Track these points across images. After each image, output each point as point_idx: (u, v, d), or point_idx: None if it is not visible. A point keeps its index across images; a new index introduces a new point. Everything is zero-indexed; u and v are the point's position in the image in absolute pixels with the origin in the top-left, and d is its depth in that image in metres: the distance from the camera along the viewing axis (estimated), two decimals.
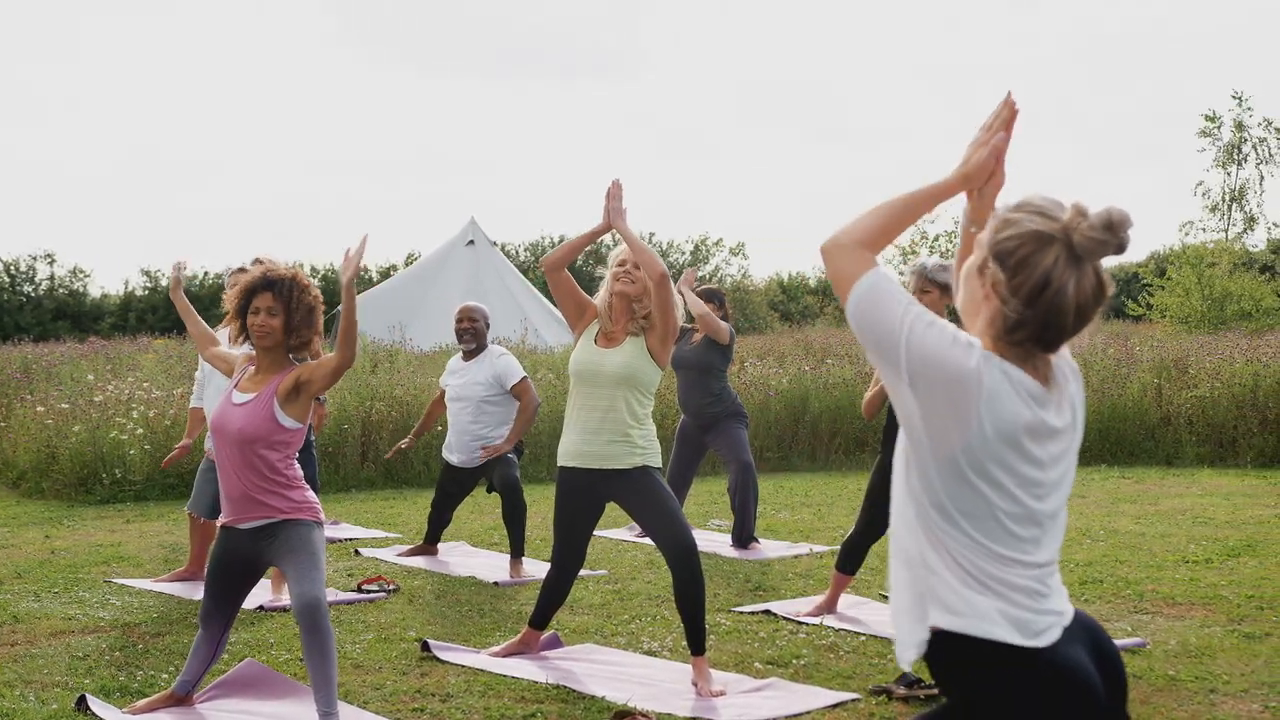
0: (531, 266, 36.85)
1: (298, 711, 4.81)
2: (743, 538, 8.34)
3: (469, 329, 7.89)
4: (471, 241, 23.85)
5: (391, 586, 7.03)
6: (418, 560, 7.93)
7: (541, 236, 41.42)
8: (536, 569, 7.45)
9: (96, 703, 4.77)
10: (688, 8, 67.26)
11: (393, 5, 64.46)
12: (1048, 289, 2.37)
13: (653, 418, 5.41)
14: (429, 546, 8.15)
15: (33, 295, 35.62)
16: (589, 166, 66.77)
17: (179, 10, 60.12)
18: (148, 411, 11.26)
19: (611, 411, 5.24)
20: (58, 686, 5.08)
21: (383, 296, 23.54)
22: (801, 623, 6.20)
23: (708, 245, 42.54)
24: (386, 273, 35.27)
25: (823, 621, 6.19)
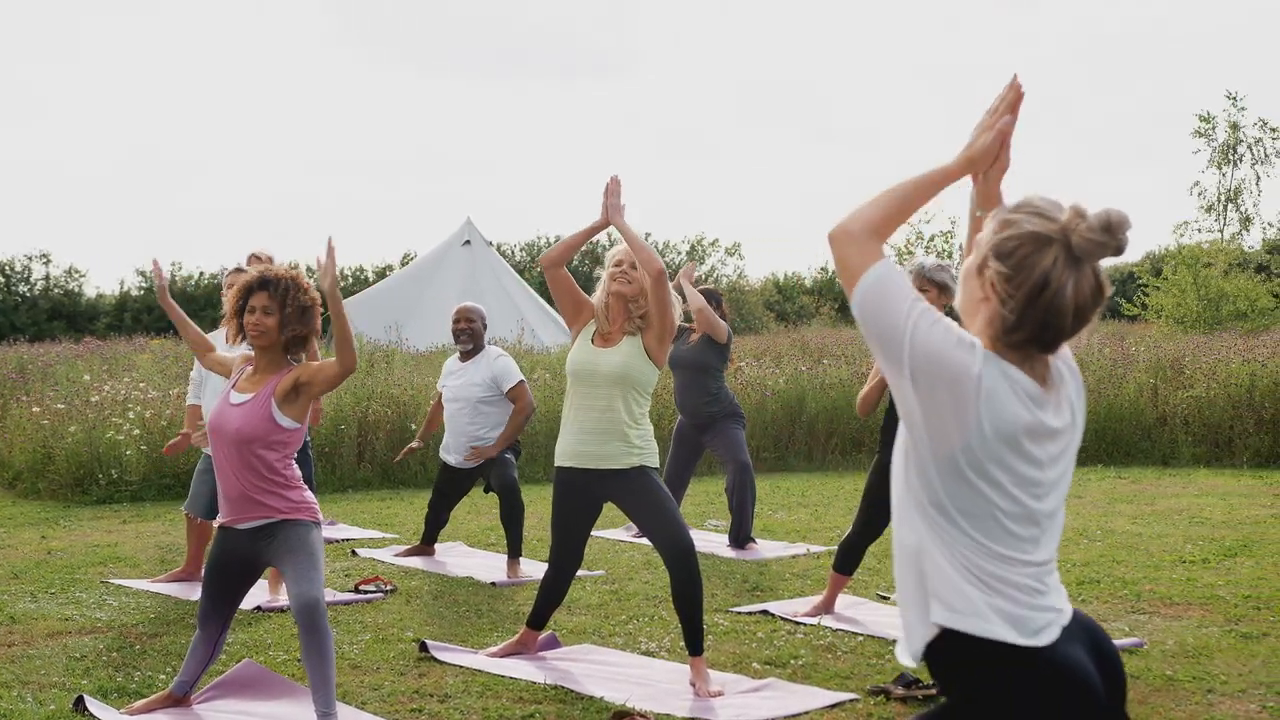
0: (528, 266, 36.80)
1: (296, 712, 4.80)
2: (740, 538, 8.34)
3: (466, 330, 7.89)
4: (468, 242, 23.82)
5: (389, 587, 7.03)
6: (415, 561, 7.92)
7: (538, 236, 41.40)
8: (534, 569, 7.45)
9: (94, 703, 4.77)
10: (686, 8, 67.33)
11: (392, 5, 64.49)
12: (1046, 290, 2.37)
13: (650, 418, 5.41)
14: (426, 547, 8.14)
15: (28, 295, 35.58)
16: (587, 166, 66.81)
17: (178, 10, 60.17)
18: (144, 412, 11.25)
19: (609, 411, 5.23)
20: (55, 687, 5.07)
21: (379, 297, 23.53)
22: (799, 623, 6.20)
23: (704, 245, 42.53)
24: (382, 273, 35.23)
25: (820, 622, 6.19)
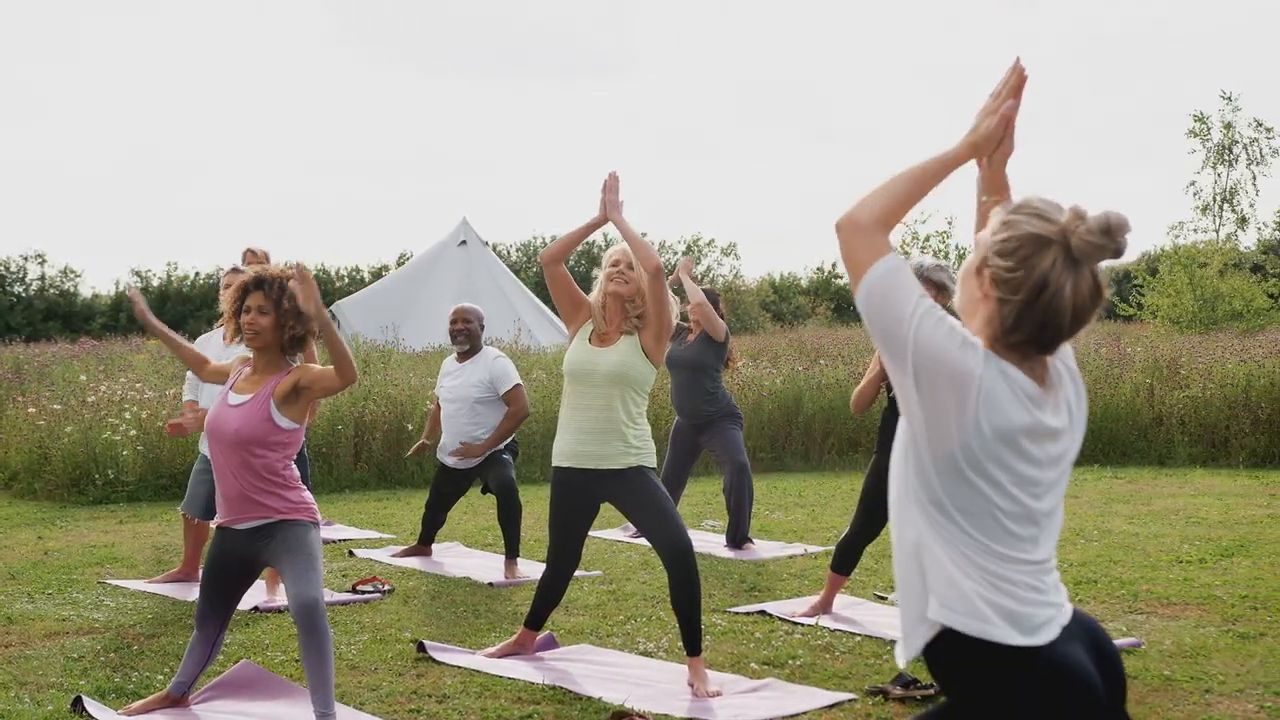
0: (524, 266, 36.77)
1: (294, 713, 4.80)
2: (737, 538, 8.34)
3: (463, 330, 7.89)
4: (464, 242, 23.81)
5: (386, 587, 7.03)
6: (412, 561, 7.92)
7: (534, 236, 41.34)
8: (531, 569, 7.44)
9: (92, 704, 4.77)
10: (686, 8, 67.24)
11: (392, 5, 64.39)
12: (1045, 291, 2.37)
13: (647, 418, 5.40)
14: (423, 547, 8.14)
15: (23, 296, 35.54)
16: (586, 166, 66.74)
17: (178, 10, 60.00)
18: (140, 412, 11.23)
19: (606, 411, 5.22)
20: (53, 688, 5.07)
21: (375, 297, 23.52)
22: (797, 623, 6.20)
23: (700, 245, 42.50)
24: (378, 273, 35.19)
25: (818, 622, 6.19)
